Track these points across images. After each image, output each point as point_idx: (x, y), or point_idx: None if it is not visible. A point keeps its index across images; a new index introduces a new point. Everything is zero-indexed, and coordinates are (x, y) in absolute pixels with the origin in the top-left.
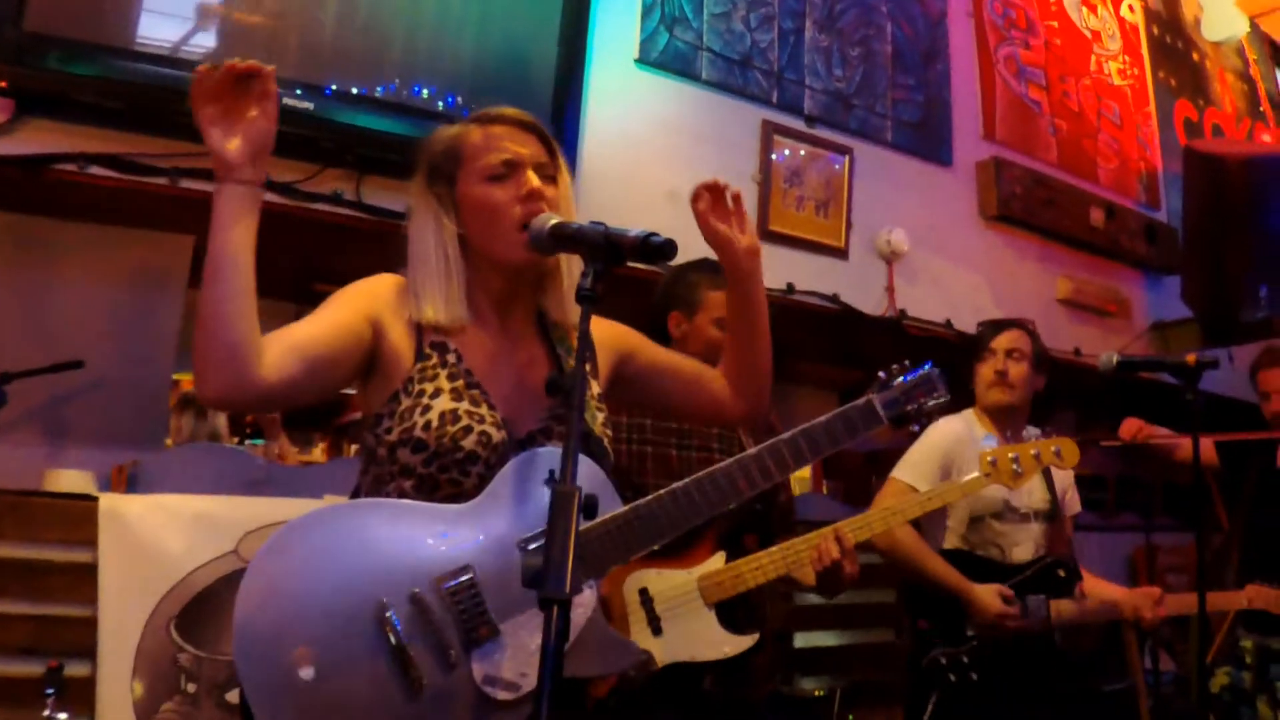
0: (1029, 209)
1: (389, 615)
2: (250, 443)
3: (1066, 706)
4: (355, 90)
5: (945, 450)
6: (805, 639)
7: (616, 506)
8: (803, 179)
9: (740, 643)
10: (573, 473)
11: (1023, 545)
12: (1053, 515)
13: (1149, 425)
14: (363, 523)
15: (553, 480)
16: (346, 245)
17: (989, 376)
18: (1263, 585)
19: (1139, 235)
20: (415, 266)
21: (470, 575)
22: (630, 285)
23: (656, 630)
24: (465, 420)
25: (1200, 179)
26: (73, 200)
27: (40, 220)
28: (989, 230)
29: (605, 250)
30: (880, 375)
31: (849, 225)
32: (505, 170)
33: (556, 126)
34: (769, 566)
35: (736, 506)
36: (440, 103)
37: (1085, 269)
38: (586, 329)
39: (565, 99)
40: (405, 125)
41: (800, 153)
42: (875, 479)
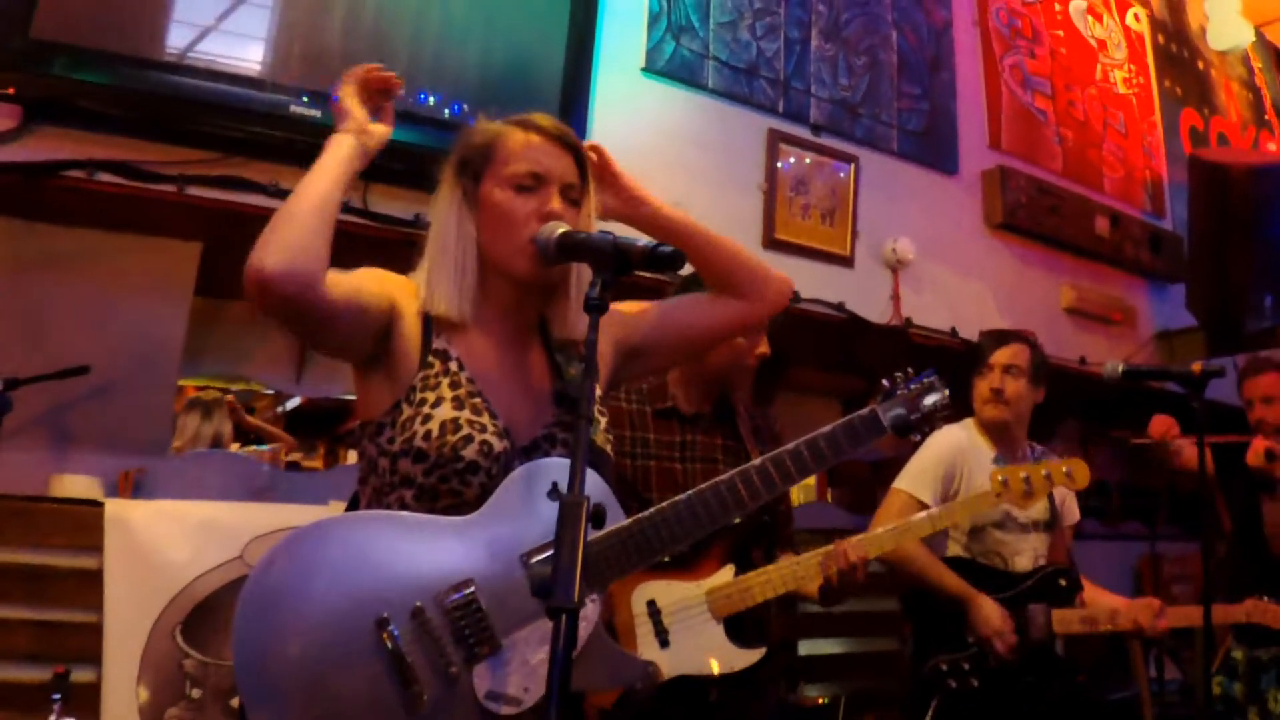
0: (1034, 217)
1: (390, 629)
2: (255, 447)
3: (1068, 714)
4: None
5: (947, 460)
6: (809, 647)
7: (620, 518)
8: (808, 187)
9: (748, 657)
10: (581, 483)
11: (1023, 555)
12: (1052, 525)
13: (1176, 425)
14: (365, 535)
15: (558, 491)
16: (352, 252)
17: (985, 393)
18: (1260, 600)
19: (1144, 244)
20: (434, 254)
21: (472, 589)
22: (637, 295)
23: (664, 643)
24: (466, 429)
25: (1205, 188)
26: (80, 207)
27: (47, 227)
28: (994, 239)
29: (613, 259)
30: (884, 384)
31: (854, 234)
32: (532, 183)
33: None
34: (777, 581)
35: (744, 519)
36: (446, 111)
37: (1090, 277)
38: (594, 338)
39: (571, 107)
40: (411, 134)
41: (806, 161)
42: (880, 488)
